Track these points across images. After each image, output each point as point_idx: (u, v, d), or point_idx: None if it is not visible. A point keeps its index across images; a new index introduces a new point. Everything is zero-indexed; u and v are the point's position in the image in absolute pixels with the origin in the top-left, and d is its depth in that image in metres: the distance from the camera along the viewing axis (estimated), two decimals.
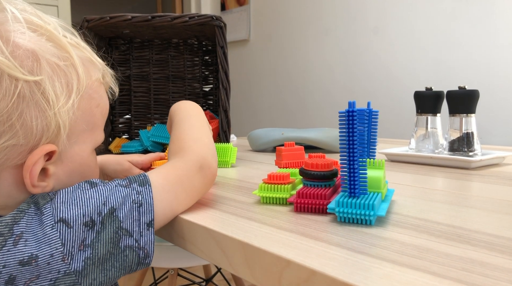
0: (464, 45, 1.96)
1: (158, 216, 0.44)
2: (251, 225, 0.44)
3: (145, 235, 0.42)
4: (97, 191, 0.42)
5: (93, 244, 0.39)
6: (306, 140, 1.04)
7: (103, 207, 0.41)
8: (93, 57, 0.49)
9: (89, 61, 0.48)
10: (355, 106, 0.44)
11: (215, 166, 0.53)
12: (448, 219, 0.45)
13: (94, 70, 0.48)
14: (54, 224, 0.39)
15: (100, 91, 0.50)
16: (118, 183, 0.44)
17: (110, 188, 0.43)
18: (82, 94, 0.45)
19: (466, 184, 0.66)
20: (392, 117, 2.15)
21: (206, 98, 1.15)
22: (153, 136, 0.93)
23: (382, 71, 2.29)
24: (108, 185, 0.44)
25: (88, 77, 0.47)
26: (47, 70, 0.42)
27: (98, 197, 0.41)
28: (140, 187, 0.44)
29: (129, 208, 0.42)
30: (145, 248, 0.42)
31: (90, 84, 0.47)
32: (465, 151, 0.83)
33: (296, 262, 0.34)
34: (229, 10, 3.20)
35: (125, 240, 0.41)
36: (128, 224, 0.42)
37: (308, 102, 2.68)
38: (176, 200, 0.47)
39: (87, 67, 0.47)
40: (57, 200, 0.41)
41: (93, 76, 0.48)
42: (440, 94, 0.89)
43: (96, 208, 0.40)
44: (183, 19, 0.90)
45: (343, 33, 2.46)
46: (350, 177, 0.45)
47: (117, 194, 0.42)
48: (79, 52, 0.47)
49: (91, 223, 0.40)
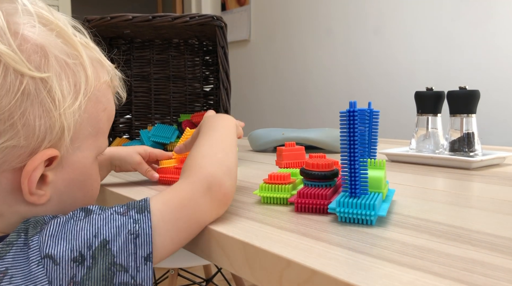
0: (464, 45, 1.96)
1: (157, 248, 0.39)
2: (252, 225, 0.44)
3: (142, 270, 0.37)
4: (89, 221, 0.38)
5: (84, 282, 0.35)
6: (306, 141, 1.04)
7: (94, 239, 0.37)
8: (102, 59, 0.47)
9: (98, 62, 0.46)
10: (356, 106, 0.44)
11: (229, 185, 0.46)
12: (449, 219, 0.45)
13: (102, 72, 0.46)
14: (40, 260, 0.35)
15: (108, 94, 0.47)
16: (115, 210, 0.40)
17: (105, 217, 0.38)
18: (89, 96, 0.42)
19: (466, 184, 0.66)
20: (392, 118, 2.15)
21: (206, 98, 1.15)
22: (153, 136, 0.93)
23: (383, 71, 2.28)
24: (104, 212, 0.39)
25: (97, 78, 0.44)
26: (55, 67, 0.39)
27: (89, 228, 0.37)
28: (138, 214, 0.39)
29: (124, 240, 0.37)
30: (142, 284, 0.37)
31: (98, 86, 0.44)
32: (465, 151, 0.83)
33: (297, 262, 0.34)
34: (230, 10, 3.20)
35: (120, 277, 0.37)
36: (123, 258, 0.37)
37: (309, 103, 2.68)
38: (177, 229, 0.41)
39: (96, 68, 0.45)
40: (46, 233, 0.37)
41: (102, 78, 0.45)
42: (441, 94, 0.89)
43: (86, 241, 0.36)
44: (184, 19, 0.90)
45: (344, 34, 2.46)
46: (351, 177, 0.45)
47: (112, 224, 0.38)
48: (89, 52, 0.45)
49: (81, 258, 0.36)
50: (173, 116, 1.13)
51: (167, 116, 1.13)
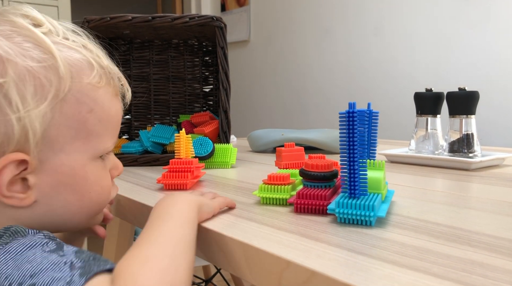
0: (464, 46, 1.97)
1: None
2: (251, 226, 0.44)
3: None
4: (38, 257, 0.34)
5: None
6: (306, 141, 1.04)
7: (29, 279, 0.32)
8: (94, 60, 0.45)
9: (85, 63, 0.44)
10: (355, 107, 0.44)
11: None
12: (448, 220, 0.45)
13: (89, 73, 0.44)
14: None
15: (95, 95, 0.44)
16: (71, 260, 0.34)
17: (53, 260, 0.34)
18: (64, 97, 0.41)
19: (466, 185, 0.66)
20: (392, 118, 2.15)
21: (206, 98, 1.15)
22: (153, 137, 0.93)
23: (382, 72, 2.29)
24: (65, 256, 0.35)
25: (76, 79, 0.42)
26: (13, 72, 0.39)
27: (32, 264, 0.34)
28: None
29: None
30: None
31: (79, 87, 0.42)
32: (465, 152, 0.83)
33: (296, 262, 0.34)
34: (229, 11, 3.20)
35: None
36: None
37: (308, 103, 2.68)
38: None
39: (78, 69, 0.43)
40: None
41: (85, 79, 0.43)
42: (440, 95, 0.89)
43: (21, 276, 0.33)
44: (184, 20, 0.90)
45: (343, 34, 2.46)
46: (350, 178, 0.45)
47: (53, 272, 0.33)
48: (74, 53, 0.43)
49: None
50: (172, 117, 1.13)
51: (166, 117, 1.13)
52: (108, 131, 0.46)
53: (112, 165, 0.50)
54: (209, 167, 0.84)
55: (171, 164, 0.64)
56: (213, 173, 0.79)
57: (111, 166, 0.50)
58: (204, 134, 0.93)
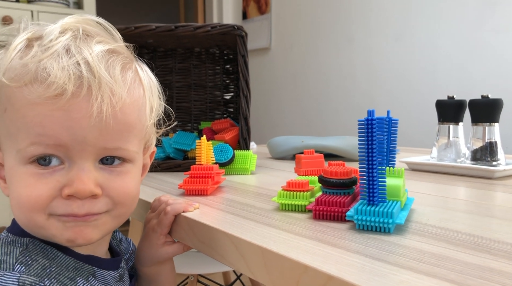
0: (487, 53, 1.93)
1: None
2: (270, 231, 0.45)
3: None
4: None
5: None
6: (325, 149, 1.04)
7: None
8: (34, 59, 0.41)
9: (18, 65, 0.42)
10: (374, 114, 0.45)
11: None
12: (468, 228, 0.45)
13: (11, 73, 0.42)
14: None
15: (10, 95, 0.41)
16: None
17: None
18: None
19: (488, 193, 0.65)
20: (414, 126, 2.13)
21: (226, 106, 1.17)
22: (175, 143, 0.95)
23: (404, 79, 2.27)
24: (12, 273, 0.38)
25: (1, 79, 0.41)
26: None
27: None
28: None
29: None
30: None
31: (0, 87, 0.42)
32: (488, 160, 0.82)
33: (314, 267, 0.34)
34: (251, 19, 3.23)
35: None
36: None
37: (329, 110, 2.68)
38: None
39: (3, 70, 0.42)
40: None
41: (3, 78, 0.41)
42: (463, 103, 0.88)
43: None
44: (206, 29, 0.92)
45: (364, 41, 2.45)
46: (369, 185, 0.45)
47: None
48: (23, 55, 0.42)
49: None
50: (194, 124, 1.15)
51: (188, 124, 1.15)
52: (21, 132, 0.41)
53: (66, 181, 0.42)
54: (229, 173, 0.86)
55: (192, 170, 0.66)
56: (233, 179, 0.80)
57: (65, 181, 0.42)
58: (225, 141, 0.94)
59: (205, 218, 0.51)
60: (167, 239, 0.57)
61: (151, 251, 0.57)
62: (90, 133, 0.41)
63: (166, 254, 0.57)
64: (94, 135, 0.41)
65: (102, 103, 0.41)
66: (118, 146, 0.44)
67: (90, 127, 0.41)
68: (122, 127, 0.43)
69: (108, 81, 0.41)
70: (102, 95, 0.41)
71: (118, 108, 0.42)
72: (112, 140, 0.43)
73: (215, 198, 0.62)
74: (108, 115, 0.41)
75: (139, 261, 0.59)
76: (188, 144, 0.95)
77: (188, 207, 0.55)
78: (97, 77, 0.41)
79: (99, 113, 0.41)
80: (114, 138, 0.43)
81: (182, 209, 0.54)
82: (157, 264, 0.59)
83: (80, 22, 0.46)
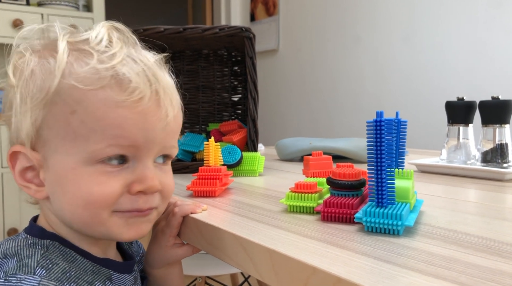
0: (497, 54, 1.91)
1: None
2: (278, 233, 0.44)
3: None
4: None
5: None
6: (333, 150, 1.04)
7: None
8: (100, 62, 0.43)
9: (87, 67, 0.43)
10: (383, 116, 0.44)
11: None
12: (479, 230, 0.44)
13: (80, 73, 0.42)
14: None
15: (82, 98, 0.42)
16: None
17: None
18: (50, 99, 0.42)
19: (499, 196, 0.65)
20: (422, 127, 2.11)
21: (234, 107, 1.17)
22: (183, 145, 0.95)
23: (413, 80, 2.25)
24: None
25: (66, 80, 0.42)
26: (22, 77, 0.44)
27: None
28: None
29: None
30: None
31: (66, 88, 0.42)
32: (499, 162, 0.81)
33: (322, 269, 0.34)
34: (259, 21, 3.23)
35: None
36: None
37: (337, 112, 2.67)
38: None
39: (71, 70, 0.43)
40: None
41: (72, 81, 0.42)
42: (472, 104, 0.87)
43: None
44: (214, 31, 0.92)
45: (372, 43, 2.44)
46: (378, 187, 0.45)
47: None
48: (85, 58, 0.43)
49: None
50: (202, 126, 1.15)
51: (196, 126, 1.15)
52: (96, 134, 0.42)
53: (135, 178, 0.44)
54: (237, 175, 0.86)
55: (200, 171, 0.66)
56: (241, 180, 0.80)
57: (134, 178, 0.44)
58: (233, 142, 0.95)
59: (213, 219, 0.51)
60: (176, 241, 0.57)
61: (160, 253, 0.58)
62: (159, 134, 0.45)
63: (176, 256, 0.58)
64: (161, 136, 0.46)
65: (168, 107, 0.45)
66: (173, 144, 0.49)
67: (160, 129, 0.45)
68: (177, 128, 0.49)
69: (167, 86, 0.46)
70: (167, 99, 0.45)
71: (176, 111, 0.47)
72: (171, 140, 0.48)
73: (223, 200, 0.63)
74: (171, 117, 0.46)
75: (148, 263, 0.59)
76: (196, 145, 0.95)
77: (196, 208, 0.55)
78: (161, 83, 0.45)
79: (166, 116, 0.45)
80: (172, 138, 0.48)
81: (190, 210, 0.55)
82: (166, 266, 0.59)
83: (111, 28, 0.49)
